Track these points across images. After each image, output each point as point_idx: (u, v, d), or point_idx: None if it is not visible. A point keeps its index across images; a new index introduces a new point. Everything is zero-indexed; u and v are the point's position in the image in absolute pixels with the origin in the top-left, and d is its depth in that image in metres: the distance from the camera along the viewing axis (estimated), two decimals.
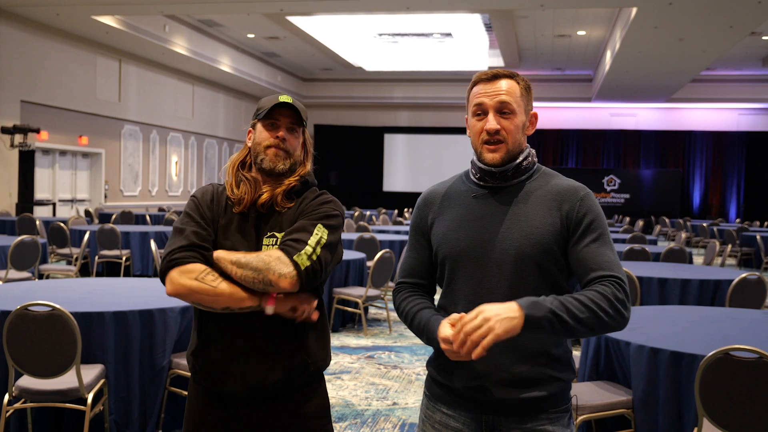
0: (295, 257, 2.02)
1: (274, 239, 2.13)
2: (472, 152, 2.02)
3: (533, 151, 2.00)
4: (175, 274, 2.04)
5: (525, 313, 1.71)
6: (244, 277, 2.03)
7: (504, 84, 1.92)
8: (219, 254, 2.09)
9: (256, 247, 2.14)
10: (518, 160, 1.93)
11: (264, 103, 2.25)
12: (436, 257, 2.01)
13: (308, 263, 2.02)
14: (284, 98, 2.23)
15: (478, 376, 1.88)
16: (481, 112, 1.92)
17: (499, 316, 1.70)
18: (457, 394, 1.93)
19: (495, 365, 1.86)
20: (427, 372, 2.07)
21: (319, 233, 2.08)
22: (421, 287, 2.07)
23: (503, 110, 1.91)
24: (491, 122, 1.90)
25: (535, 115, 1.99)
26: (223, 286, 2.05)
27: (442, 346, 1.78)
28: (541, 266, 1.87)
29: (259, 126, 2.23)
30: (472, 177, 2.01)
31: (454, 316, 1.78)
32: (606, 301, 1.76)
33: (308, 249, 2.04)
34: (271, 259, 2.02)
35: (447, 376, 1.95)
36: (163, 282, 2.08)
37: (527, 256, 1.86)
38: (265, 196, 2.17)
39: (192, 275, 2.04)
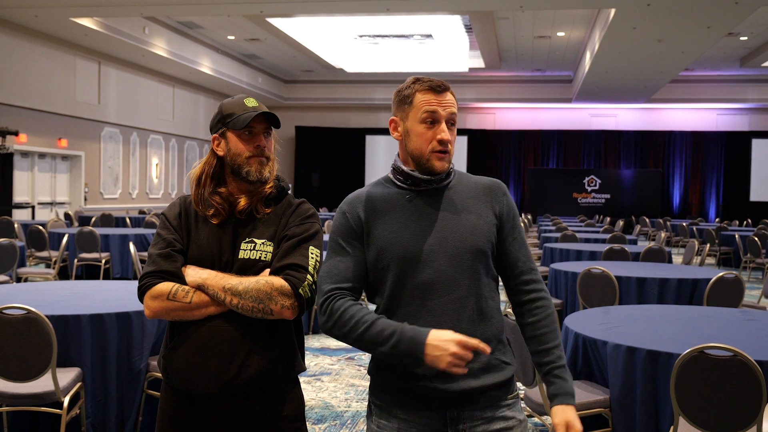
0: (300, 290, 2.07)
1: (253, 244, 2.15)
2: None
3: None
4: (148, 300, 2.12)
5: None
6: (242, 306, 2.07)
7: (450, 96, 2.00)
8: (206, 279, 2.10)
9: (233, 251, 2.15)
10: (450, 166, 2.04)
11: (232, 108, 2.20)
12: (376, 262, 1.96)
13: (310, 293, 2.10)
14: (252, 102, 2.21)
15: (440, 371, 1.88)
16: (433, 120, 1.96)
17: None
18: (420, 393, 1.92)
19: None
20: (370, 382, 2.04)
21: (314, 256, 2.14)
22: (355, 292, 1.98)
23: (452, 122, 1.99)
24: (447, 132, 1.97)
25: None
26: (196, 298, 2.10)
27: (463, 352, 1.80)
28: (486, 255, 1.98)
29: (231, 135, 2.19)
30: (397, 182, 2.02)
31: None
32: (553, 317, 2.02)
33: (309, 279, 2.09)
34: (273, 290, 2.06)
35: (407, 379, 1.92)
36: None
37: (477, 247, 1.96)
38: (243, 204, 2.18)
39: (163, 296, 2.10)
